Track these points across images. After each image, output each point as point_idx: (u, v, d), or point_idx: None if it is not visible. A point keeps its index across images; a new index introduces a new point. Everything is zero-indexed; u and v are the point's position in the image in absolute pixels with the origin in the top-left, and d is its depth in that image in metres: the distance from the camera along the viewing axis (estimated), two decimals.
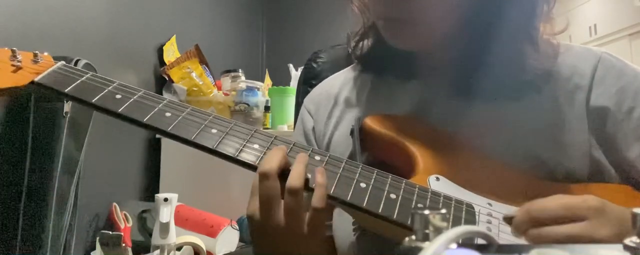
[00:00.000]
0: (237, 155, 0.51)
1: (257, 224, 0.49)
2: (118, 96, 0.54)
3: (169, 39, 1.97)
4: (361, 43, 0.71)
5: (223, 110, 1.89)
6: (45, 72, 0.55)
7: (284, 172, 0.49)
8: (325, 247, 0.52)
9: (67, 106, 1.05)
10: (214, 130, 0.53)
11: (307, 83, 0.92)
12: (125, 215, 1.49)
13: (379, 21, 0.61)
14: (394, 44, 0.61)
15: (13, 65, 0.56)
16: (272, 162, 0.48)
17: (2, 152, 1.02)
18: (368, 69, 0.71)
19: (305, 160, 0.50)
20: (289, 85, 2.08)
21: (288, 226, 0.47)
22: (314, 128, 0.72)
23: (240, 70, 2.05)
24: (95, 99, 0.53)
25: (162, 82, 1.91)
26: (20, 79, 0.55)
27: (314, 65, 0.94)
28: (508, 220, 0.48)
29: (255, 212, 0.48)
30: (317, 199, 0.48)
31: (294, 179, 0.47)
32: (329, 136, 0.69)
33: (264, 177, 0.47)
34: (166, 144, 1.82)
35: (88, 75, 0.55)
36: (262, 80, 2.20)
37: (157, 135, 1.83)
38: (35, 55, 0.58)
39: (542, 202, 0.45)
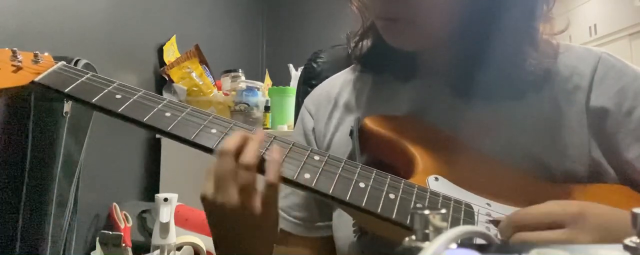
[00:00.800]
0: None
1: (210, 204, 0.49)
2: (118, 96, 0.54)
3: (169, 39, 1.97)
4: (361, 43, 0.71)
5: (223, 110, 1.89)
6: (46, 72, 0.55)
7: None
8: (277, 231, 0.54)
9: (67, 106, 1.05)
10: (213, 130, 0.53)
11: (307, 83, 0.92)
12: (125, 215, 1.49)
13: (378, 21, 0.61)
14: (393, 44, 0.61)
15: (13, 65, 0.56)
16: (230, 141, 0.49)
17: (2, 152, 1.02)
18: (368, 69, 0.71)
19: (260, 139, 0.51)
20: (289, 85, 2.08)
21: (241, 203, 0.48)
22: (314, 129, 0.72)
23: (240, 70, 2.05)
24: (95, 99, 0.53)
25: (162, 82, 1.91)
26: (21, 79, 0.55)
27: (314, 65, 0.94)
28: (495, 223, 0.49)
29: (209, 191, 0.49)
30: (271, 174, 0.49)
31: (247, 156, 0.49)
32: (329, 137, 0.69)
33: (220, 155, 0.49)
34: (166, 144, 1.82)
35: (88, 76, 0.55)
36: (262, 80, 2.20)
37: (157, 135, 1.82)
38: (36, 55, 0.58)
39: (527, 209, 0.47)
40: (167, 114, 0.53)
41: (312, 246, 0.70)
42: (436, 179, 0.54)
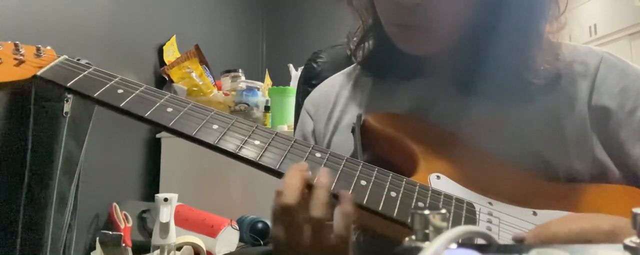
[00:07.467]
0: (238, 151, 0.51)
1: (283, 247, 0.46)
2: (120, 91, 0.54)
3: (169, 39, 1.97)
4: (363, 45, 0.70)
5: (223, 110, 1.88)
6: (48, 66, 0.55)
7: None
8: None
9: (67, 106, 1.05)
10: (215, 126, 0.53)
11: (307, 83, 0.92)
12: (125, 215, 1.49)
13: (392, 27, 0.60)
14: (406, 50, 0.60)
15: (16, 59, 0.56)
16: (292, 192, 0.45)
17: (2, 152, 1.02)
18: (369, 69, 0.71)
19: (325, 185, 0.47)
20: (289, 85, 2.08)
21: (316, 244, 0.45)
22: (314, 130, 0.72)
23: (240, 70, 2.05)
24: (97, 93, 0.53)
25: (162, 82, 1.91)
26: (23, 73, 0.55)
27: (314, 65, 0.94)
28: (519, 240, 0.47)
29: (281, 235, 0.46)
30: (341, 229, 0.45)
31: (316, 211, 0.45)
32: (329, 137, 0.69)
33: (284, 212, 0.45)
34: (166, 143, 1.82)
35: (90, 70, 0.56)
36: (262, 80, 2.19)
37: (157, 135, 1.82)
38: (38, 49, 0.58)
39: (553, 229, 0.45)
40: (169, 109, 0.53)
41: None
42: (438, 177, 0.54)
